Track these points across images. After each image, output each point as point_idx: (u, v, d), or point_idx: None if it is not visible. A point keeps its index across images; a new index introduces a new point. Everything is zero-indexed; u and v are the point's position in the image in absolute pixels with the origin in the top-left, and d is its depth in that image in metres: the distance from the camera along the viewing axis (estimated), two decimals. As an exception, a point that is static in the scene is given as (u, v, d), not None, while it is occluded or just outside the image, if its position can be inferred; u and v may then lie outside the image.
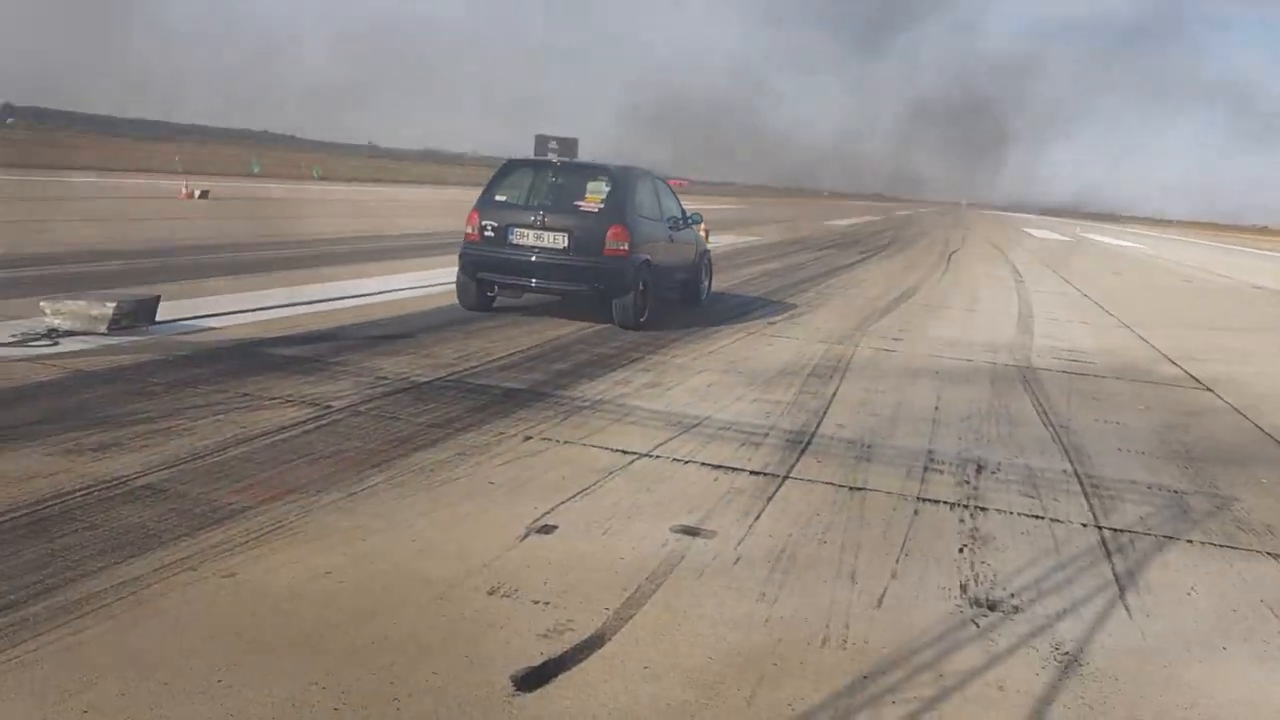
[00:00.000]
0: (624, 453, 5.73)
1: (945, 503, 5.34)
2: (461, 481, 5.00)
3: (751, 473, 5.57)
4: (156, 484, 4.60)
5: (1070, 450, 6.70)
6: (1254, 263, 42.68)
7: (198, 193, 27.89)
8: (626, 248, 10.05)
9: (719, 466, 5.62)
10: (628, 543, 4.36)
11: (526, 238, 10.06)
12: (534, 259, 10.05)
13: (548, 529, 4.45)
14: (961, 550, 4.65)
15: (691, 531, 4.57)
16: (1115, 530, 5.12)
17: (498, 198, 10.51)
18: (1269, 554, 4.98)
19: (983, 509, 5.29)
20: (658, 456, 5.72)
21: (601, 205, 10.21)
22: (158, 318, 8.34)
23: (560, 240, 10.00)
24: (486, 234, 10.20)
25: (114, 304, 7.88)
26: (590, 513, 4.70)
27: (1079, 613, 4.06)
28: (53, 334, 7.52)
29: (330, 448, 5.37)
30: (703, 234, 13.52)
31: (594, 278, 10.05)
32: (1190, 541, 5.06)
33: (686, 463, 5.64)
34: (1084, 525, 5.16)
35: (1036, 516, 5.24)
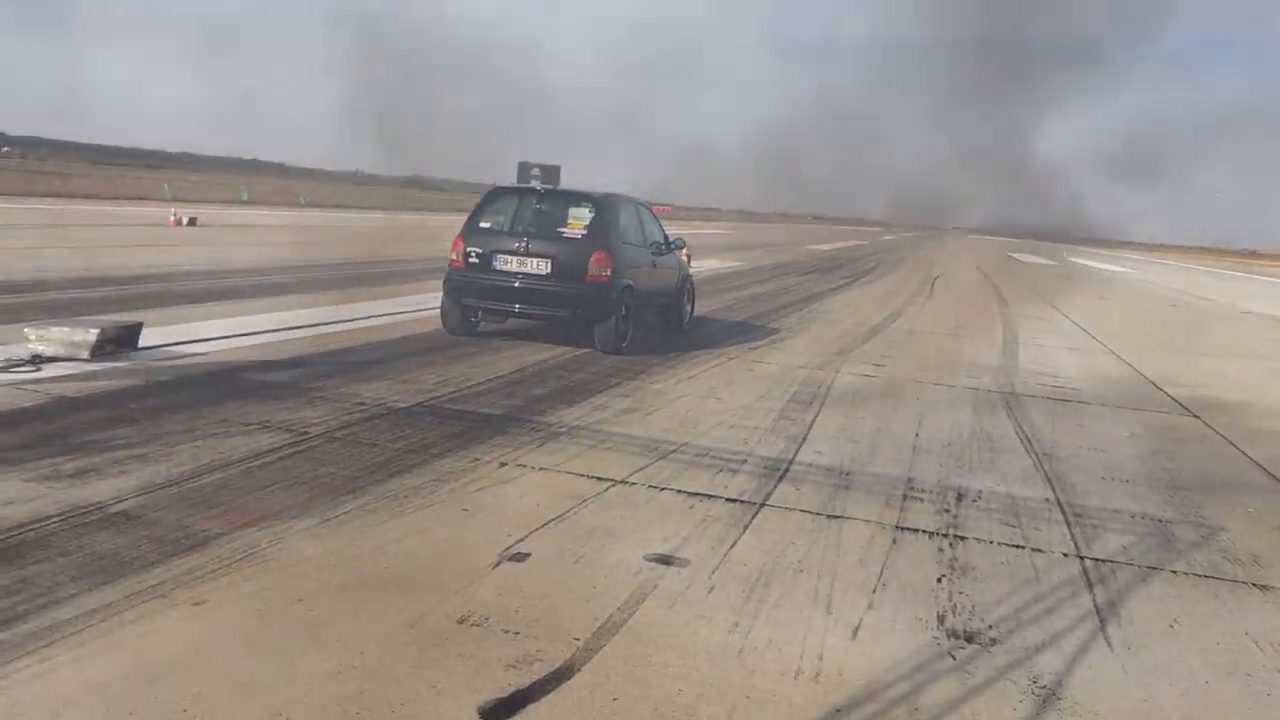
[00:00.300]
0: (599, 479, 5.71)
1: (924, 531, 5.33)
2: (436, 508, 4.98)
3: (727, 500, 5.55)
4: (131, 510, 4.57)
5: (1053, 478, 6.70)
6: (1243, 286, 42.93)
7: (185, 220, 27.87)
8: (609, 273, 10.15)
9: (695, 494, 5.61)
10: (600, 571, 4.34)
11: (510, 264, 10.18)
12: (517, 285, 10.16)
13: (520, 556, 4.43)
14: (940, 580, 4.64)
15: (665, 560, 4.54)
16: (1097, 560, 5.10)
17: (482, 224, 10.62)
18: (1255, 585, 4.96)
19: (962, 538, 5.28)
20: (633, 483, 5.70)
21: (584, 231, 10.31)
22: (140, 344, 8.31)
23: (543, 266, 10.10)
24: (471, 260, 10.32)
25: (96, 330, 7.86)
26: (564, 540, 4.68)
27: (1059, 645, 4.04)
28: (36, 360, 7.49)
29: (305, 473, 5.34)
30: (685, 258, 13.59)
31: (577, 303, 10.13)
32: (1174, 572, 5.05)
33: (662, 489, 5.62)
34: (1065, 555, 5.15)
35: (1017, 546, 5.23)
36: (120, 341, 8.07)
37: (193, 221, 28.06)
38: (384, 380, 8.00)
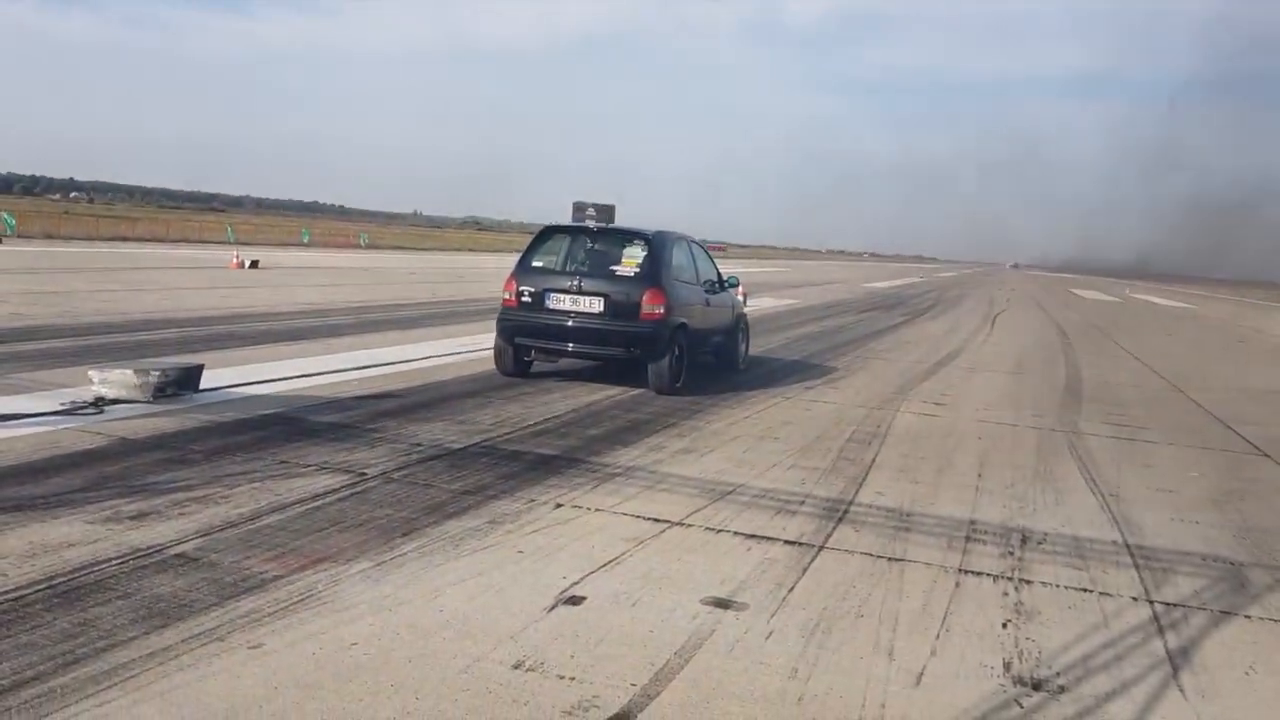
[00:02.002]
0: (656, 520, 5.65)
1: (988, 575, 5.19)
2: (491, 550, 4.95)
3: (786, 542, 5.46)
4: (190, 552, 4.61)
5: (1120, 520, 6.50)
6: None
7: (248, 263, 28.53)
8: (662, 311, 10.07)
9: (752, 536, 5.52)
10: (657, 615, 4.28)
11: (563, 303, 10.13)
12: (570, 324, 10.10)
13: (576, 600, 4.38)
14: (1005, 625, 4.50)
15: (723, 604, 4.47)
16: (1168, 604, 4.93)
17: (535, 263, 10.59)
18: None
19: (1027, 581, 5.13)
20: (690, 525, 5.63)
21: (638, 270, 10.24)
22: (201, 385, 8.45)
23: (596, 305, 10.06)
24: (524, 299, 10.29)
25: (158, 373, 8.01)
26: (620, 583, 4.62)
27: (1129, 693, 3.89)
28: (99, 403, 7.64)
29: (362, 515, 5.36)
30: (740, 297, 13.50)
31: (630, 342, 10.06)
32: (1248, 617, 4.86)
33: (719, 531, 5.55)
34: (1135, 599, 4.98)
35: (1084, 590, 5.06)
36: (182, 383, 8.21)
37: (255, 264, 28.72)
38: (440, 421, 8.04)
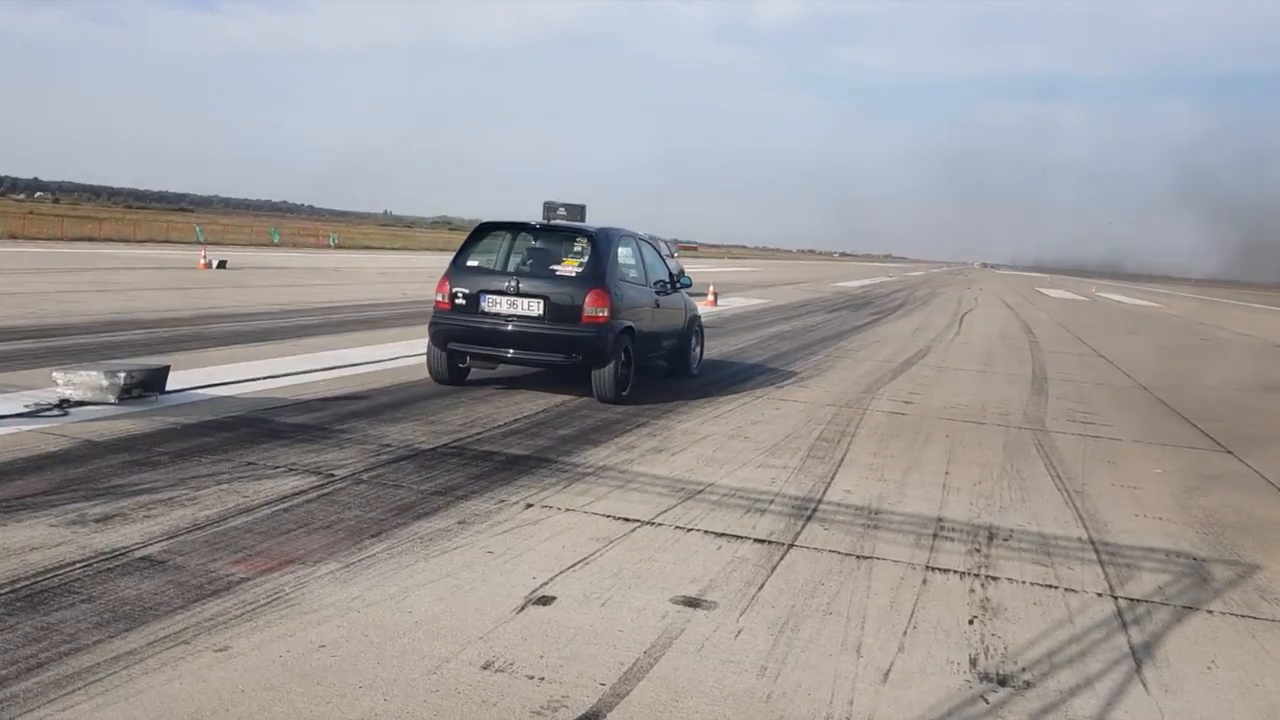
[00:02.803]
0: (625, 520, 5.66)
1: (955, 572, 5.24)
2: (461, 551, 4.94)
3: (755, 541, 5.48)
4: (156, 555, 4.57)
5: (1085, 516, 6.58)
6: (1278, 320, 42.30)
7: (215, 263, 28.27)
8: (606, 314, 9.42)
9: (722, 534, 5.54)
10: (627, 614, 4.28)
11: (499, 305, 9.48)
12: (507, 328, 9.44)
13: (546, 600, 4.38)
14: (972, 622, 4.55)
15: (692, 603, 4.48)
16: (1132, 600, 4.99)
17: (469, 263, 9.94)
18: (1291, 624, 4.83)
19: (994, 578, 5.18)
20: (660, 524, 5.64)
21: (579, 269, 9.63)
22: (168, 387, 8.37)
23: (535, 307, 9.40)
24: (457, 301, 9.64)
25: (124, 374, 7.92)
26: (589, 583, 4.63)
27: (1093, 688, 3.94)
28: (64, 404, 7.55)
29: (331, 517, 5.33)
30: (710, 297, 13.49)
31: (571, 347, 9.39)
32: (1210, 612, 4.93)
33: (689, 530, 5.57)
34: (1099, 595, 5.05)
35: (1050, 586, 5.12)
36: (148, 385, 8.13)
37: (223, 264, 28.48)
38: (410, 421, 8.01)
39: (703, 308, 24.16)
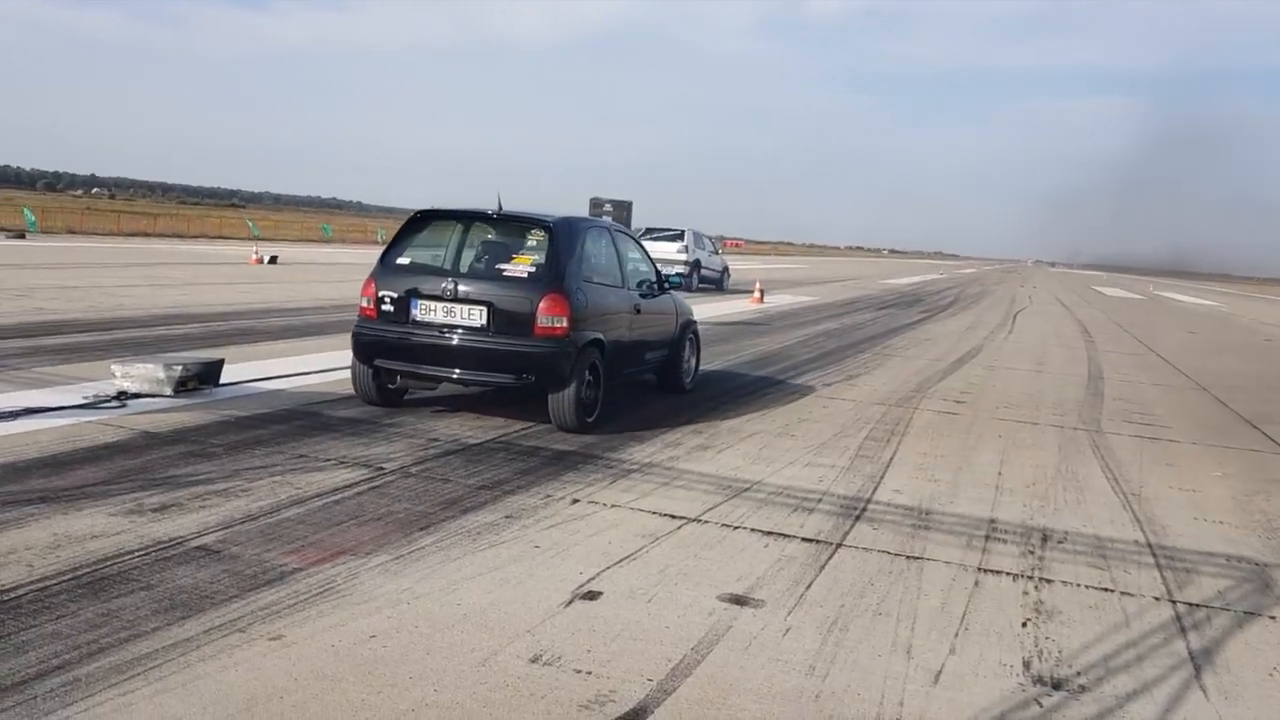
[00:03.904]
0: (672, 517, 5.65)
1: (1008, 574, 5.16)
2: (508, 545, 4.97)
3: (803, 540, 5.45)
4: (212, 545, 4.65)
5: (1142, 519, 6.46)
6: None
7: (267, 258, 28.69)
8: (565, 325, 7.60)
9: (770, 533, 5.51)
10: (673, 611, 4.28)
11: (433, 313, 7.68)
12: (443, 341, 7.65)
13: (593, 595, 4.38)
14: (1025, 624, 4.48)
15: (739, 600, 4.46)
16: (1191, 605, 4.89)
17: (400, 260, 8.15)
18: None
19: (1048, 581, 5.10)
20: (706, 521, 5.63)
21: (533, 269, 7.77)
22: (222, 380, 8.51)
23: (477, 316, 7.59)
24: (383, 308, 7.88)
25: (180, 367, 8.07)
26: (636, 579, 4.62)
27: (1151, 694, 3.86)
28: (121, 396, 7.71)
29: (381, 509, 5.39)
30: (757, 294, 13.32)
31: (521, 365, 7.58)
32: (1273, 618, 4.81)
33: (736, 528, 5.54)
34: (1157, 599, 4.95)
35: (1105, 589, 5.03)
36: (203, 378, 8.27)
37: (274, 260, 28.89)
38: (457, 415, 8.07)
39: (749, 305, 24.17)
